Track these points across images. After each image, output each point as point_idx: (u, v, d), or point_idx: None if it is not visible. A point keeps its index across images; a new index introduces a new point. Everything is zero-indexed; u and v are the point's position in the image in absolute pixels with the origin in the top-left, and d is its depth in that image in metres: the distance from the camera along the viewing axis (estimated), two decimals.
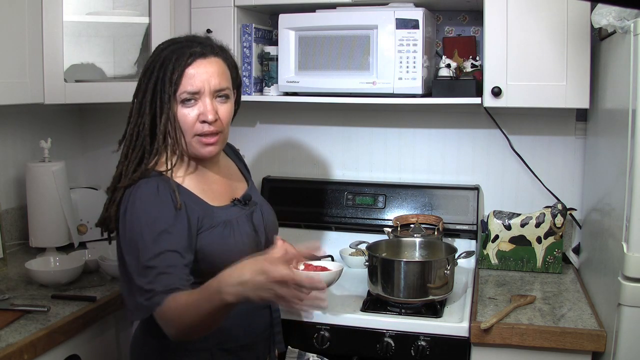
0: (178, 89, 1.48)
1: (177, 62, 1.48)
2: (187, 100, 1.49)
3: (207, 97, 1.50)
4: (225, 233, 1.51)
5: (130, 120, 1.54)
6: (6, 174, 2.42)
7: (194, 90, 1.48)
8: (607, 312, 1.75)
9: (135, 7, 2.38)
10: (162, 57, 1.50)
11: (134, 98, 1.54)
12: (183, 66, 1.48)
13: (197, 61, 1.49)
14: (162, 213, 1.43)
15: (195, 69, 1.49)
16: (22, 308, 1.78)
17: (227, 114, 1.54)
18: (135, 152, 1.52)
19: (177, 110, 1.49)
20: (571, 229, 2.38)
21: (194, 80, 1.48)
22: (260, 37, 2.35)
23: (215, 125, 1.51)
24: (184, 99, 1.49)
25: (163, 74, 1.49)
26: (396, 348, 1.87)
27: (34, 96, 2.11)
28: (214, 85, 1.50)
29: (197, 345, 1.50)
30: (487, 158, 2.46)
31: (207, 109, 1.49)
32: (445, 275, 1.91)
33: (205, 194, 1.55)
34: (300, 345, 1.90)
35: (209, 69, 1.50)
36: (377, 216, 2.46)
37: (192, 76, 1.48)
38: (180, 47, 1.51)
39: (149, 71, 1.52)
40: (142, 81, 1.52)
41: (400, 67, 2.10)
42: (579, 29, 1.96)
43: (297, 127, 2.64)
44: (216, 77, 1.50)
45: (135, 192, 1.45)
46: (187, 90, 1.48)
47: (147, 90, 1.50)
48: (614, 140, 1.82)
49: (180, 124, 1.50)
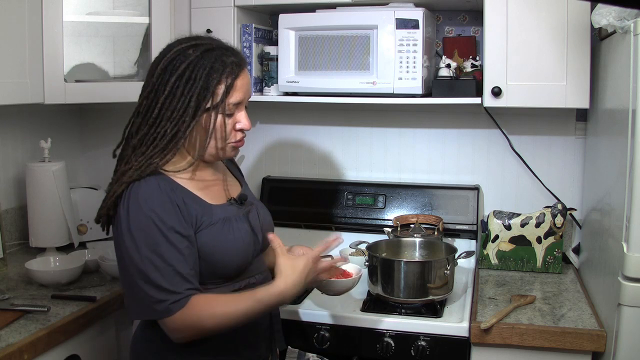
0: (226, 99, 1.49)
1: (223, 73, 1.48)
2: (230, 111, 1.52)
3: (244, 107, 1.56)
4: (224, 230, 1.52)
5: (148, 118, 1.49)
6: (6, 174, 2.42)
7: (238, 101, 1.52)
8: (607, 312, 1.75)
9: (135, 7, 2.38)
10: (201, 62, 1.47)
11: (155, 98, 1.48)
12: (234, 77, 1.50)
13: (242, 73, 1.53)
14: (167, 211, 1.43)
15: (240, 81, 1.52)
16: (22, 308, 1.78)
17: (249, 121, 1.60)
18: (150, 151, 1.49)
19: (215, 119, 1.50)
20: (571, 229, 2.38)
21: (238, 93, 1.51)
22: (260, 37, 2.35)
23: (245, 136, 1.59)
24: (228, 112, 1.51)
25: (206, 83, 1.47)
26: (396, 348, 1.87)
27: (34, 96, 2.11)
28: (248, 96, 1.57)
29: (199, 346, 1.50)
30: (487, 158, 2.46)
31: (246, 121, 1.56)
32: (445, 275, 1.91)
33: (203, 192, 1.55)
34: (300, 345, 1.90)
35: (246, 81, 1.55)
36: (377, 216, 2.46)
37: (238, 88, 1.51)
38: (218, 55, 1.49)
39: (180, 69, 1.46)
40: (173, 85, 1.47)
41: (400, 67, 2.10)
42: (579, 29, 1.96)
43: (297, 127, 2.64)
44: (250, 88, 1.58)
45: (137, 191, 1.45)
46: (232, 103, 1.51)
47: (182, 96, 1.46)
48: (614, 140, 1.82)
49: (216, 132, 1.52)
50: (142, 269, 1.41)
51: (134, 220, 1.43)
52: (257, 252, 1.64)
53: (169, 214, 1.43)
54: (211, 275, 1.51)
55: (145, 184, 1.46)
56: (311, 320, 1.94)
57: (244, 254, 1.57)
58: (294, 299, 1.53)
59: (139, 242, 1.41)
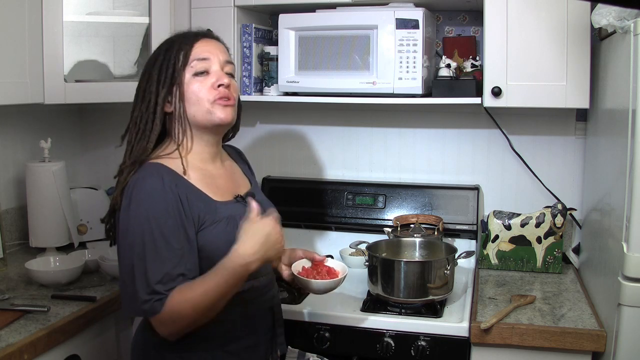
0: (188, 61, 1.52)
1: (184, 40, 1.55)
2: (200, 73, 1.53)
3: (218, 67, 1.55)
4: (228, 228, 1.51)
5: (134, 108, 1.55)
6: (6, 174, 2.42)
7: (204, 56, 1.54)
8: (607, 312, 1.75)
9: (135, 7, 2.38)
10: (167, 42, 1.57)
11: (138, 87, 1.56)
12: (191, 42, 1.55)
13: (204, 39, 1.57)
14: (166, 210, 1.43)
15: (203, 44, 1.56)
16: (22, 308, 1.78)
17: (236, 89, 1.60)
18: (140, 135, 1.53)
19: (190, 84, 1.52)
20: (571, 229, 2.38)
21: (203, 52, 1.54)
22: (260, 37, 2.35)
23: (229, 91, 1.55)
24: (197, 72, 1.53)
25: (169, 53, 1.54)
26: (396, 348, 1.87)
27: (34, 96, 2.11)
28: (223, 58, 1.57)
29: (200, 347, 1.50)
30: (487, 158, 2.46)
31: (221, 74, 1.55)
32: (445, 275, 1.91)
33: (209, 187, 1.54)
34: (300, 345, 1.89)
35: (215, 45, 1.58)
36: (377, 216, 2.46)
37: (202, 49, 1.55)
38: (183, 33, 1.60)
39: (152, 58, 1.57)
40: (146, 68, 1.57)
41: (400, 67, 2.10)
42: (579, 29, 1.96)
43: (297, 127, 2.64)
44: (224, 53, 1.59)
45: (140, 187, 1.45)
46: (197, 58, 1.53)
47: (153, 72, 1.54)
48: (614, 140, 1.82)
49: (192, 94, 1.53)
50: (134, 267, 1.41)
51: (133, 217, 1.43)
52: None
53: (168, 213, 1.43)
54: None
55: (149, 179, 1.45)
56: (311, 320, 1.94)
57: None
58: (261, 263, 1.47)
59: (135, 240, 1.41)
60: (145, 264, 1.40)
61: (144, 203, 1.42)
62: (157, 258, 1.40)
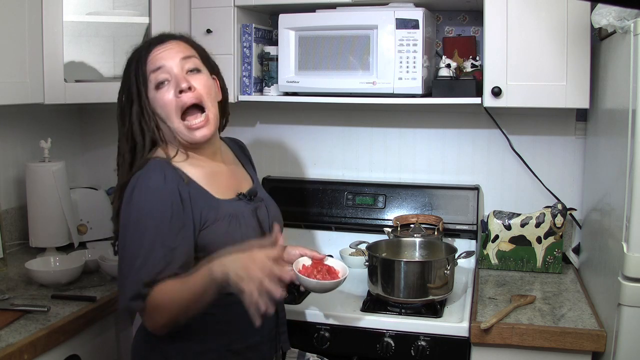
0: (146, 76, 1.51)
1: (139, 56, 1.54)
2: (161, 84, 1.51)
3: (176, 70, 1.52)
4: (231, 227, 1.51)
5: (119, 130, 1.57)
6: (6, 174, 2.42)
7: (158, 65, 1.51)
8: (607, 312, 1.75)
9: (135, 7, 2.38)
10: (128, 61, 1.57)
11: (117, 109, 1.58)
12: (145, 55, 1.53)
13: (156, 47, 1.54)
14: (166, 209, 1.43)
15: (156, 52, 1.53)
16: (22, 308, 1.78)
17: (203, 84, 1.54)
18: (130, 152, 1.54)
19: (155, 100, 1.52)
20: (571, 229, 2.38)
21: (156, 60, 1.52)
22: (260, 37, 2.35)
23: (193, 94, 1.51)
24: (157, 83, 1.51)
25: (128, 72, 1.54)
26: (396, 348, 1.87)
27: (34, 96, 2.11)
28: (178, 56, 1.53)
29: (203, 347, 1.50)
30: (487, 158, 2.46)
31: (179, 78, 1.51)
32: (445, 275, 1.91)
33: (211, 185, 1.54)
34: (300, 345, 1.89)
35: (169, 47, 1.54)
36: (377, 216, 2.46)
37: (155, 57, 1.52)
38: (139, 46, 1.59)
39: (123, 78, 1.58)
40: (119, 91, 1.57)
41: (400, 67, 2.10)
42: (579, 29, 1.96)
43: (297, 127, 2.64)
44: (178, 52, 1.54)
45: (142, 183, 1.45)
46: (152, 70, 1.51)
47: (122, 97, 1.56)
48: (614, 140, 1.82)
49: (161, 110, 1.52)
50: (128, 263, 1.41)
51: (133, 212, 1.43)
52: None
53: (168, 211, 1.42)
54: None
55: (152, 176, 1.45)
56: (311, 320, 1.94)
57: None
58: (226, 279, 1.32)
59: (134, 236, 1.42)
60: (140, 261, 1.40)
61: (145, 200, 1.42)
62: (152, 256, 1.40)
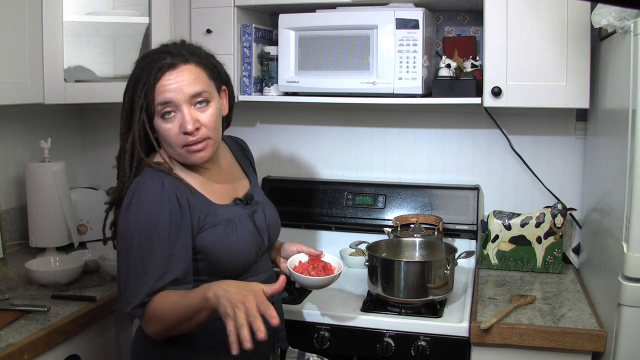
0: (152, 105, 1.47)
1: (147, 79, 1.47)
2: (167, 114, 1.48)
3: (184, 106, 1.47)
4: (227, 231, 1.52)
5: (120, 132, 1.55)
6: (6, 174, 2.42)
7: (167, 99, 1.46)
8: (607, 312, 1.75)
9: (135, 7, 2.38)
10: (135, 75, 1.50)
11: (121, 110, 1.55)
12: (153, 81, 1.47)
13: (166, 74, 1.47)
14: (165, 214, 1.43)
15: (165, 80, 1.47)
16: (22, 308, 1.78)
17: (210, 119, 1.51)
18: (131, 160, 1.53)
19: (159, 125, 1.49)
20: (571, 229, 2.38)
21: (165, 92, 1.46)
22: (260, 37, 2.35)
23: (198, 133, 1.49)
24: (163, 113, 1.48)
25: (133, 92, 1.49)
26: (396, 348, 1.87)
27: (34, 96, 2.11)
28: (187, 93, 1.47)
29: (201, 344, 1.50)
30: (487, 158, 2.46)
31: (186, 119, 1.47)
32: (445, 275, 1.91)
33: (208, 190, 1.55)
34: (300, 345, 1.89)
35: (179, 79, 1.47)
36: (377, 216, 2.46)
37: (164, 88, 1.46)
38: (150, 61, 1.50)
39: (126, 88, 1.52)
40: (124, 96, 1.53)
41: (400, 67, 2.10)
42: (579, 29, 1.96)
43: (297, 127, 2.64)
44: (189, 85, 1.48)
45: (140, 191, 1.45)
46: (160, 102, 1.47)
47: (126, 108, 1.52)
48: (614, 140, 1.82)
49: (163, 137, 1.51)
50: (128, 270, 1.43)
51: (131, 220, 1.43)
52: (262, 252, 1.64)
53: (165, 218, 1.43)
54: (214, 273, 1.51)
55: (150, 183, 1.46)
56: (311, 320, 1.94)
57: (247, 255, 1.57)
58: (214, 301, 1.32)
59: (131, 244, 1.42)
60: (138, 269, 1.41)
61: (143, 207, 1.43)
62: (150, 265, 1.41)
